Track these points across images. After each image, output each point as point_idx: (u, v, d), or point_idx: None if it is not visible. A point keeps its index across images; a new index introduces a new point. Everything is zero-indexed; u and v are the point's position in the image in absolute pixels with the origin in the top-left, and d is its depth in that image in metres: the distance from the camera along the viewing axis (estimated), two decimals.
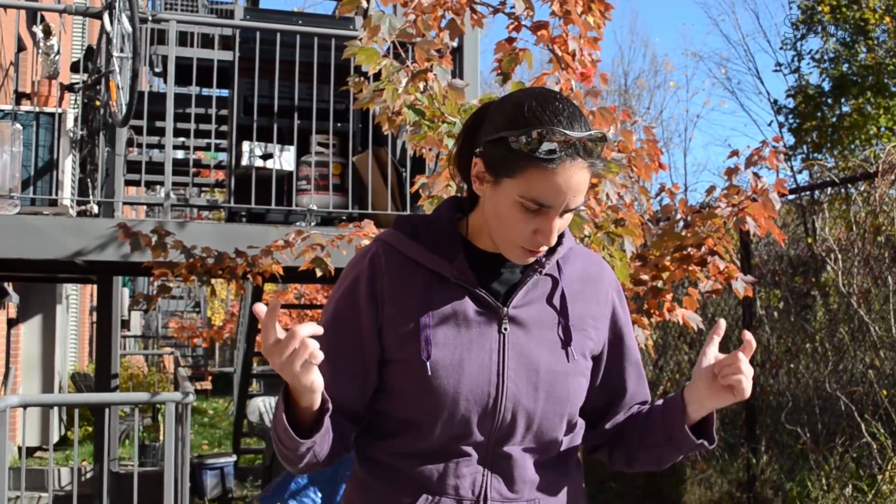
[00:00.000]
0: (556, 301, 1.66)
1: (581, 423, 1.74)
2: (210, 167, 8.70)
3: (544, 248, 1.58)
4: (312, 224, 5.88)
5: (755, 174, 4.15)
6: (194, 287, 20.95)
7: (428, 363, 1.56)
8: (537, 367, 1.61)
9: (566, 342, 1.64)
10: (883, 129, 12.90)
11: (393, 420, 1.64)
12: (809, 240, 6.84)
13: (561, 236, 1.69)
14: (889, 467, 5.36)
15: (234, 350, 17.31)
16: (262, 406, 8.62)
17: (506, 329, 1.61)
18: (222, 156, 8.60)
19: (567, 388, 1.63)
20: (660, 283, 4.18)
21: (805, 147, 13.76)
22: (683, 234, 4.20)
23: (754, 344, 1.59)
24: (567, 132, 1.47)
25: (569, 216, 1.56)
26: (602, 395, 1.75)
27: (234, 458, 8.21)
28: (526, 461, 1.63)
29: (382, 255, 1.65)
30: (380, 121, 4.16)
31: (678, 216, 4.31)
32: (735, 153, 4.37)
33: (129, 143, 7.17)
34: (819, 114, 13.34)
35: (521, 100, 1.54)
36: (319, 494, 5.76)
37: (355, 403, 1.65)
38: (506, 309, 1.62)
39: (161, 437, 9.41)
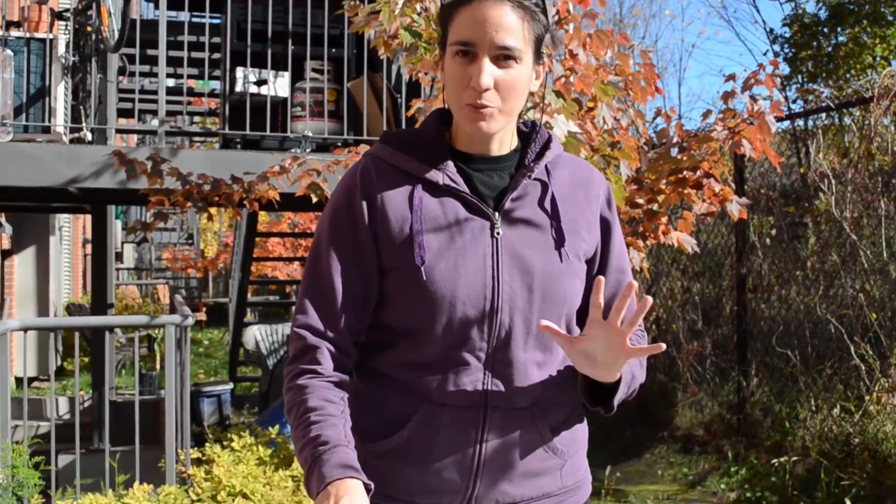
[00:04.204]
0: (547, 204, 1.66)
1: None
2: (203, 95, 8.64)
3: (489, 107, 1.57)
4: (307, 150, 5.87)
5: (752, 97, 4.16)
6: (187, 219, 20.93)
7: (422, 268, 1.57)
8: (531, 269, 1.61)
9: (559, 243, 1.64)
10: (878, 58, 12.81)
11: (391, 331, 1.65)
12: (802, 169, 6.86)
13: (548, 141, 1.70)
14: (877, 388, 5.45)
15: (227, 281, 17.37)
16: (258, 334, 8.68)
17: (498, 233, 1.61)
18: (214, 84, 8.54)
19: (563, 289, 1.64)
20: (655, 207, 4.20)
21: (800, 77, 13.68)
22: (679, 157, 4.21)
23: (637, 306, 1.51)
24: None
25: (513, 71, 1.57)
26: (585, 299, 1.73)
27: (230, 385, 8.28)
28: (528, 369, 1.63)
29: (372, 168, 1.66)
30: (375, 45, 4.13)
31: (674, 140, 4.31)
32: (732, 77, 4.36)
33: (121, 71, 7.11)
34: (815, 43, 13.24)
35: None
36: None
37: (360, 320, 1.66)
38: (497, 213, 1.63)
39: (157, 367, 9.49)
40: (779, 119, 4.15)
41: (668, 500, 5.59)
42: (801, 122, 7.10)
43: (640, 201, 4.21)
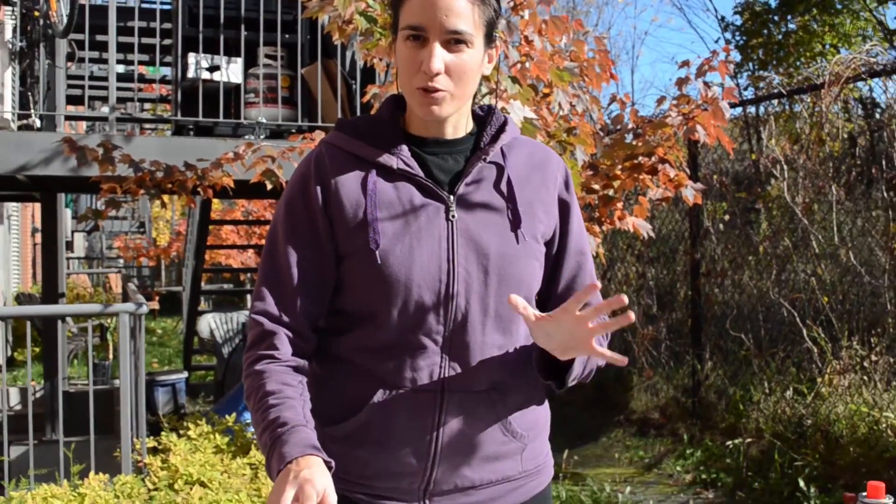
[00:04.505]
0: (503, 187, 1.66)
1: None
2: (155, 82, 8.52)
3: (440, 91, 1.57)
4: (261, 137, 5.82)
5: (706, 83, 4.19)
6: (139, 207, 20.69)
7: (377, 252, 1.57)
8: (487, 252, 1.61)
9: (515, 225, 1.64)
10: (828, 46, 12.97)
11: (348, 316, 1.65)
12: (753, 155, 6.94)
13: (504, 124, 1.70)
14: (828, 371, 5.54)
15: (180, 269, 17.19)
16: (213, 322, 8.62)
17: (453, 216, 1.61)
18: (165, 70, 8.42)
19: (519, 271, 1.64)
20: (611, 192, 4.22)
21: (751, 64, 13.83)
22: (634, 143, 4.23)
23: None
24: None
25: (464, 55, 1.57)
26: (554, 279, 1.75)
27: (185, 374, 8.20)
28: (486, 352, 1.63)
29: (326, 155, 1.65)
30: (330, 30, 4.10)
31: (629, 126, 4.34)
32: (686, 63, 4.40)
33: (70, 57, 6.99)
34: (766, 31, 13.38)
35: None
36: None
37: (318, 307, 1.65)
38: (452, 197, 1.63)
39: (110, 357, 9.38)
40: (732, 105, 4.19)
41: (624, 483, 5.64)
42: (752, 109, 7.18)
43: (596, 187, 4.23)
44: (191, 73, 5.99)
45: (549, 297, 1.75)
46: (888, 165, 5.68)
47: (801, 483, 5.07)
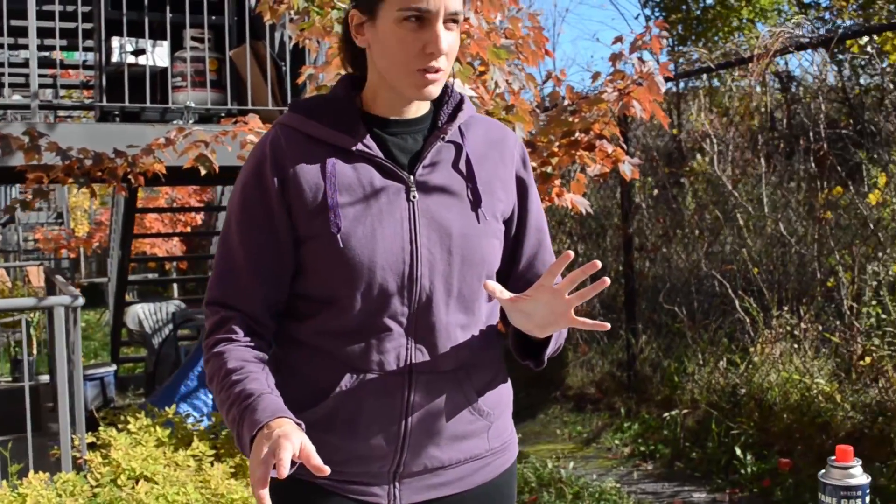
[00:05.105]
0: (462, 166, 1.66)
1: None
2: (78, 67, 8.28)
3: (440, 71, 1.56)
4: (190, 122, 5.71)
5: (640, 58, 4.22)
6: (55, 198, 20.14)
7: (338, 236, 1.55)
8: (449, 231, 1.61)
9: (475, 204, 1.64)
10: (745, 20, 13.20)
11: (311, 300, 1.63)
12: (675, 131, 7.03)
13: (461, 102, 1.69)
14: (760, 340, 5.66)
15: (101, 260, 16.82)
16: (142, 313, 8.45)
17: (414, 197, 1.60)
18: (85, 55, 8.19)
19: (482, 250, 1.63)
20: (549, 169, 4.24)
21: (670, 40, 14.01)
22: (571, 120, 4.25)
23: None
24: None
25: (455, 34, 1.57)
26: (515, 258, 1.75)
27: (113, 367, 8.03)
28: (451, 332, 1.63)
29: (282, 137, 1.62)
30: (261, 10, 4.02)
31: (565, 103, 4.35)
32: (619, 39, 4.42)
33: None
34: (684, 6, 13.57)
35: None
36: (210, 396, 5.73)
37: (276, 293, 1.63)
38: (412, 177, 1.61)
39: (34, 352, 9.13)
40: (667, 79, 4.23)
41: (565, 459, 5.69)
42: (671, 85, 7.26)
43: (534, 164, 4.24)
44: (115, 58, 5.83)
45: (510, 276, 1.75)
46: (806, 138, 5.82)
47: (738, 451, 5.18)
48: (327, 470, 1.36)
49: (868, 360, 5.00)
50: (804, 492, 4.69)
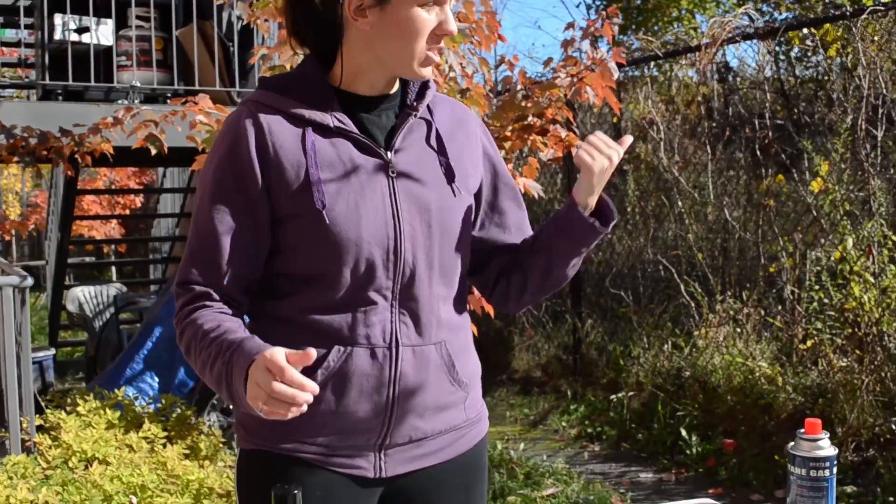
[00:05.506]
0: (434, 142, 1.69)
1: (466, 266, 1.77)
2: (19, 45, 8.07)
3: (441, 50, 1.61)
4: (136, 101, 5.61)
5: (593, 44, 4.26)
6: None
7: (324, 212, 1.55)
8: (428, 206, 1.63)
9: (449, 179, 1.67)
10: (684, 11, 13.35)
11: (294, 278, 1.63)
12: (615, 119, 7.10)
13: (427, 81, 1.71)
14: (704, 324, 5.77)
15: (33, 243, 16.48)
16: (82, 296, 8.30)
17: (393, 172, 1.62)
18: (19, 32, 8.00)
19: (458, 223, 1.67)
20: (502, 154, 4.26)
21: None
22: (524, 104, 4.27)
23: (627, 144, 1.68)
24: None
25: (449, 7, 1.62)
26: (493, 230, 1.79)
27: (52, 351, 7.88)
28: (433, 304, 1.65)
29: (257, 114, 1.60)
30: None
31: (518, 87, 4.37)
32: (571, 25, 4.45)
33: None
34: None
35: None
36: (156, 379, 5.67)
37: (251, 273, 1.63)
38: (389, 153, 1.63)
39: None
40: (619, 66, 4.27)
41: (514, 441, 5.75)
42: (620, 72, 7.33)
43: None
44: (58, 35, 5.71)
45: (500, 247, 1.80)
46: (750, 127, 5.93)
47: (683, 432, 5.28)
48: (313, 353, 1.38)
49: (809, 343, 5.13)
50: (748, 471, 4.80)
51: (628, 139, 1.68)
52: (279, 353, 1.37)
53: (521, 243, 1.79)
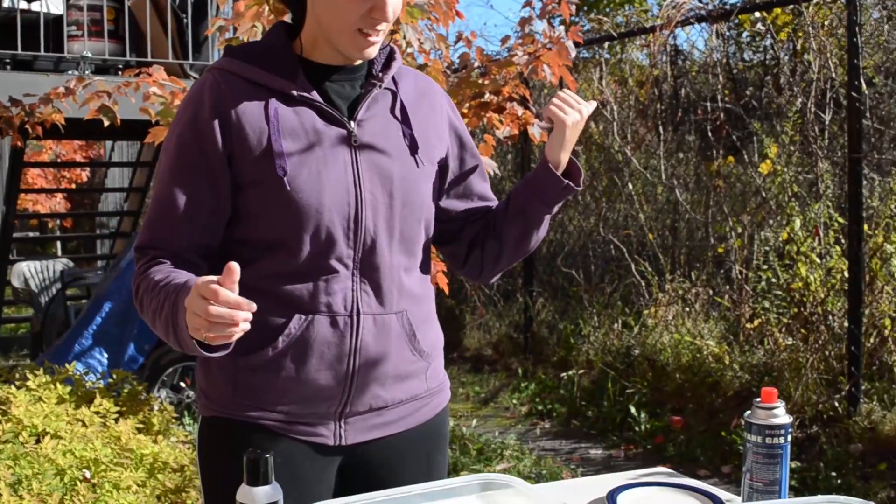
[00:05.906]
0: (398, 113, 1.70)
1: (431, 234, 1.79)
2: None
3: (381, 33, 1.60)
4: (87, 72, 5.52)
5: (549, 22, 4.27)
6: None
7: (285, 179, 1.56)
8: (391, 176, 1.65)
9: (413, 150, 1.69)
10: None
11: (255, 245, 1.63)
12: None
13: (393, 52, 1.73)
14: (654, 303, 5.85)
15: None
16: (28, 271, 8.17)
17: (356, 142, 1.63)
18: None
19: (420, 194, 1.69)
20: None
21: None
22: (481, 82, 4.28)
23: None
24: None
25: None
26: (461, 200, 1.81)
27: None
28: (394, 274, 1.67)
29: (221, 81, 1.61)
30: None
31: (475, 64, 4.38)
32: (529, 3, 4.47)
33: None
34: None
35: None
36: (106, 355, 5.60)
37: (211, 239, 1.64)
38: (353, 122, 1.64)
39: None
40: (577, 45, 4.29)
41: (464, 418, 5.79)
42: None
43: None
44: (6, 3, 5.59)
45: (468, 216, 1.82)
46: (701, 110, 6.00)
47: (632, 409, 5.36)
48: (235, 266, 1.37)
49: (756, 322, 5.22)
50: (695, 447, 4.89)
51: (593, 103, 1.73)
52: (210, 278, 1.36)
53: (492, 211, 1.82)
